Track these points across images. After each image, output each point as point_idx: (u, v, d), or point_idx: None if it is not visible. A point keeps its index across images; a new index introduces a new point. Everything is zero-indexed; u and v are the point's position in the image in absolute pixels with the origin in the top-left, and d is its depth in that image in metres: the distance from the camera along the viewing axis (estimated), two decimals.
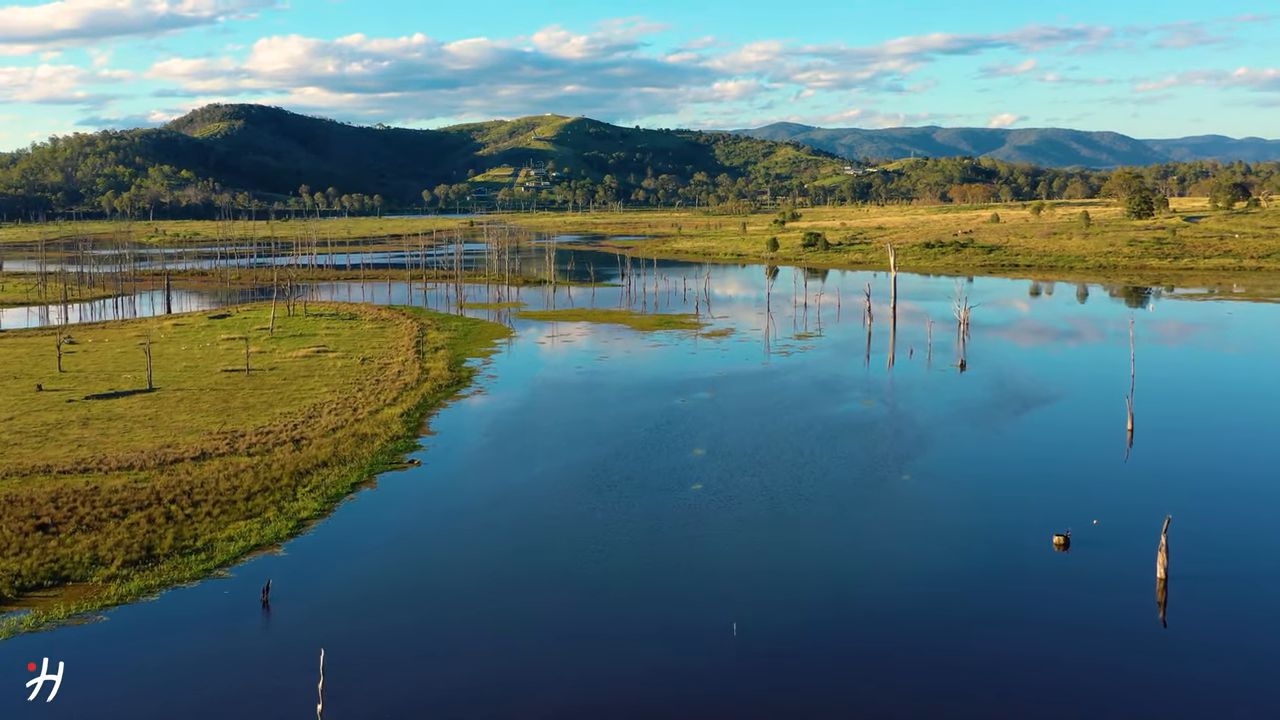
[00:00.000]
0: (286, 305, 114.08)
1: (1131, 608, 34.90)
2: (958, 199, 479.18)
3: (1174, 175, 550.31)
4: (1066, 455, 53.86)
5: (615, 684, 30.11)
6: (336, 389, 70.51)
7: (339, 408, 64.42)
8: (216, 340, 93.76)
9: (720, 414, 63.12)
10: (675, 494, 46.84)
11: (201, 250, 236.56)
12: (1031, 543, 40.49)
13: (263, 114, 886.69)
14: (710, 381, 73.71)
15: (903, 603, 35.34)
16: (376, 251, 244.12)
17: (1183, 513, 40.08)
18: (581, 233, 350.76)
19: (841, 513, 44.77)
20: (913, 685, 29.70)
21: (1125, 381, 70.21)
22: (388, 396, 67.77)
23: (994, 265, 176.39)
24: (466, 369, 79.73)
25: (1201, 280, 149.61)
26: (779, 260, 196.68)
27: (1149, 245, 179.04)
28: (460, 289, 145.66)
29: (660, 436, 57.51)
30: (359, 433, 57.58)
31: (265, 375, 75.70)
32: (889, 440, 56.47)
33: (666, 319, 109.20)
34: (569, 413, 64.80)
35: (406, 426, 59.69)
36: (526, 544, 41.03)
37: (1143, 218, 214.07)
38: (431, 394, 69.26)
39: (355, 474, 49.92)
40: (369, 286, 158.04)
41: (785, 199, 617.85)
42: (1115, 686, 29.59)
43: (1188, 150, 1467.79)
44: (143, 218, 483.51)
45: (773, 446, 54.99)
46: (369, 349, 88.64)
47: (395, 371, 76.92)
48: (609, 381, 74.27)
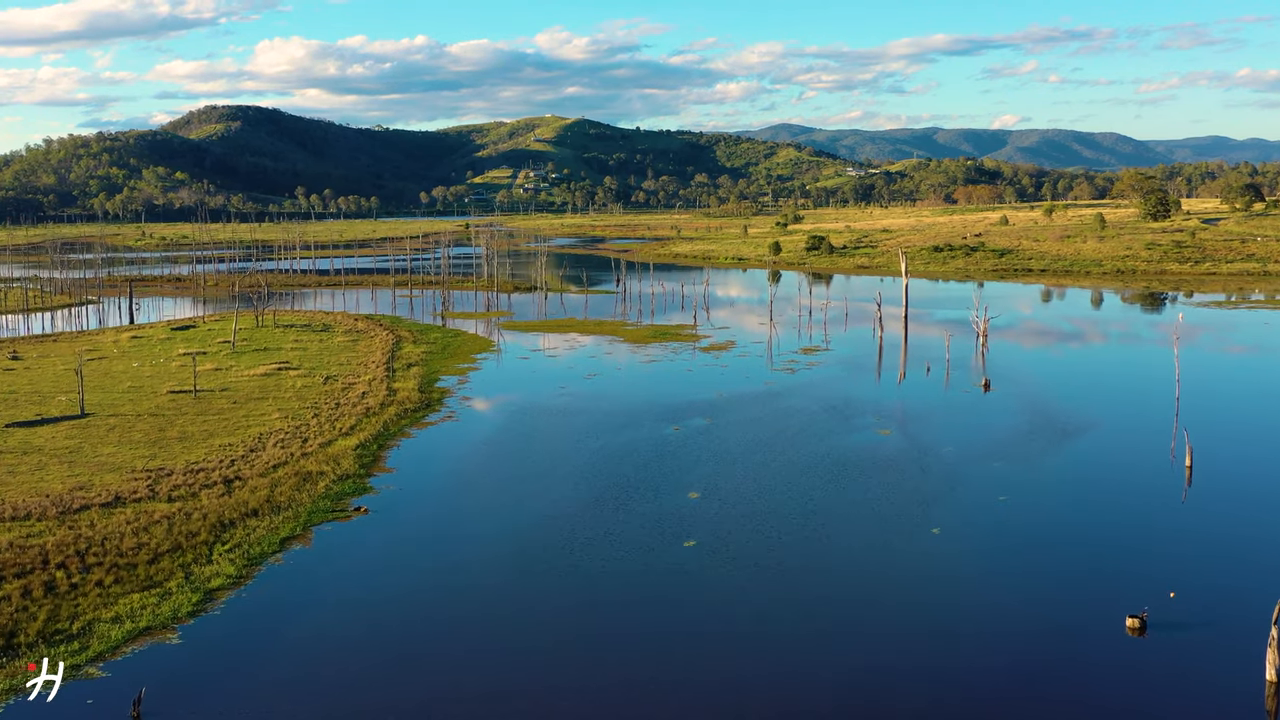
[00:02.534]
0: (255, 315, 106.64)
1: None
2: (963, 201, 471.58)
3: (1180, 176, 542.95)
4: (1120, 499, 46.32)
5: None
6: (290, 414, 63.05)
7: (288, 438, 56.98)
8: (172, 355, 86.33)
9: (718, 446, 55.64)
10: (664, 554, 39.36)
11: (183, 254, 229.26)
12: (1097, 625, 33.00)
13: (260, 115, 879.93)
14: (708, 405, 66.25)
15: (945, 715, 27.88)
16: (364, 256, 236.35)
17: (1270, 580, 32.59)
18: (579, 235, 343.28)
19: (861, 583, 37.31)
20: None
21: (1167, 401, 63.02)
22: (345, 424, 60.31)
23: (1006, 270, 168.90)
24: (439, 389, 72.25)
25: (1223, 286, 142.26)
26: (781, 265, 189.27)
27: (1168, 249, 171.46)
28: (447, 296, 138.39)
29: (649, 475, 50.04)
30: (304, 471, 50.14)
31: (214, 398, 68.22)
32: (912, 480, 48.96)
33: (662, 330, 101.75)
34: (547, 445, 57.33)
35: (360, 462, 52.25)
36: (478, 639, 33.38)
37: (1159, 220, 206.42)
38: (395, 421, 61.82)
39: (289, 526, 42.46)
40: (351, 294, 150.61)
41: (787, 200, 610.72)
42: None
43: (1190, 151, 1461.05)
44: (135, 220, 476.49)
45: (778, 490, 47.52)
46: (335, 366, 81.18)
47: (359, 393, 69.46)
48: (595, 405, 66.81)
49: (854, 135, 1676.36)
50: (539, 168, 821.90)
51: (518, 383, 76.65)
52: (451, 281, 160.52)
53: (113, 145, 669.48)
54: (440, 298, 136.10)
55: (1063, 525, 42.98)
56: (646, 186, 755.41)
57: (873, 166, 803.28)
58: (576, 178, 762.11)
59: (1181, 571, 37.38)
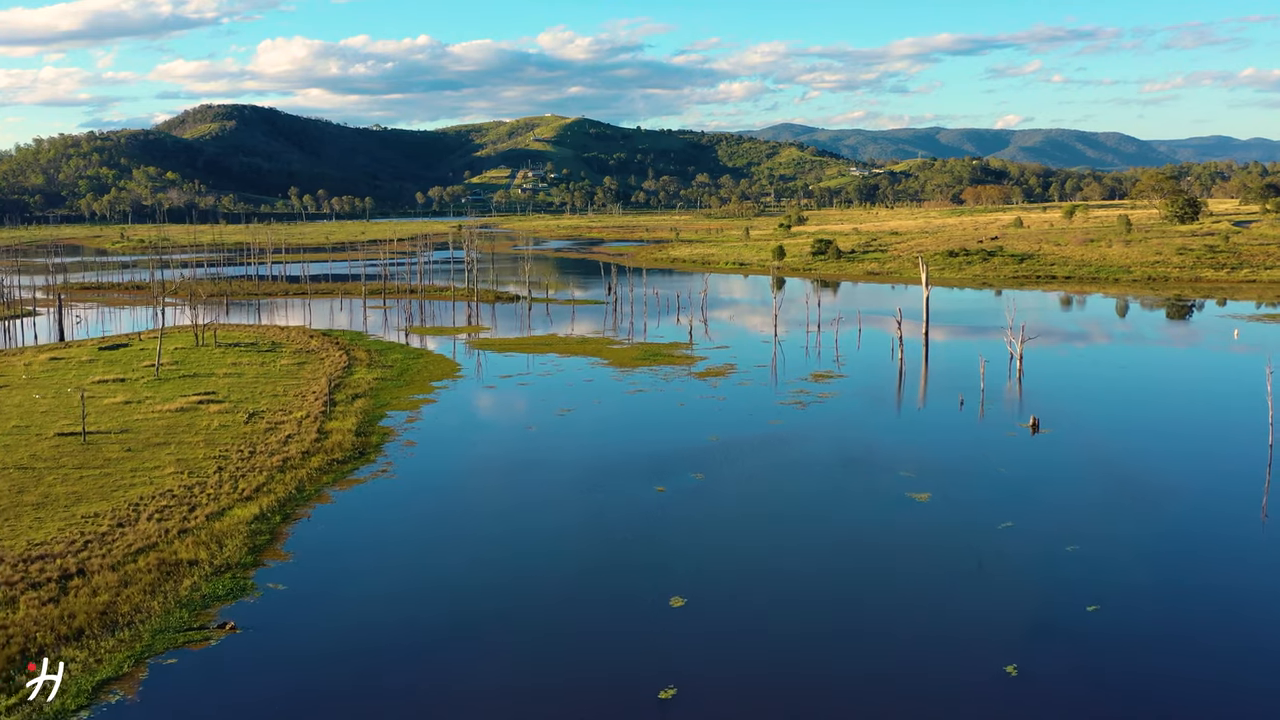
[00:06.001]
0: (196, 333, 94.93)
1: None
2: (971, 201, 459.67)
3: (1189, 176, 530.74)
4: (1255, 614, 34.61)
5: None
6: (189, 467, 51.39)
7: (173, 505, 45.32)
8: (86, 383, 74.68)
9: (712, 519, 43.92)
10: (633, 716, 27.72)
11: (154, 259, 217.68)
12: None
13: (256, 114, 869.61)
14: (701, 454, 54.54)
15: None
16: (338, 261, 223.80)
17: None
18: (575, 237, 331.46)
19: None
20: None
21: (1258, 448, 51.47)
22: (251, 483, 48.63)
23: (1027, 276, 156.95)
24: (381, 430, 60.52)
25: (1259, 295, 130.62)
26: (786, 270, 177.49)
27: (1200, 254, 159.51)
28: (422, 307, 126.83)
29: (623, 567, 38.40)
30: (172, 559, 38.53)
31: (106, 443, 56.53)
32: (967, 585, 37.24)
33: (653, 350, 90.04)
34: (496, 516, 45.58)
35: (250, 544, 40.60)
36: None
37: (1186, 223, 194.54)
38: (316, 477, 50.17)
39: (118, 658, 30.83)
40: (320, 303, 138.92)
41: (790, 200, 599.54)
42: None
43: (1193, 151, 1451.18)
44: (122, 221, 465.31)
45: (788, 598, 35.85)
46: (268, 398, 69.47)
47: (283, 437, 57.76)
48: (564, 454, 55.11)
49: (856, 135, 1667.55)
50: (538, 168, 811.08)
51: (476, 422, 64.83)
52: (430, 290, 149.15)
53: (103, 145, 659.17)
54: (415, 310, 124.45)
55: (1187, 655, 31.25)
56: (647, 187, 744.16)
57: (876, 166, 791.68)
58: (576, 178, 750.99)
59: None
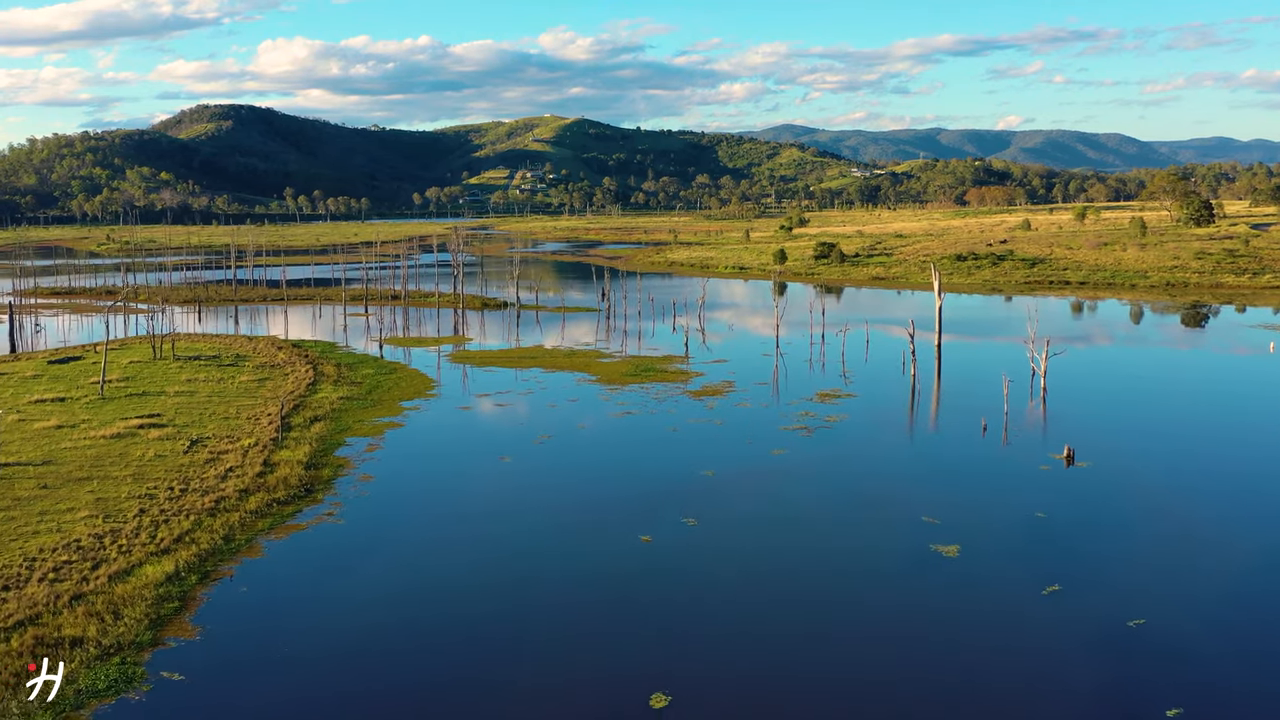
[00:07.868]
0: (153, 345, 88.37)
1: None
2: (975, 202, 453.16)
3: (1193, 177, 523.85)
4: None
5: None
6: (108, 510, 44.84)
7: (75, 560, 38.79)
8: (21, 403, 68.14)
9: (705, 582, 37.35)
10: None
11: (138, 262, 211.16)
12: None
13: (253, 114, 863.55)
14: (694, 493, 48.00)
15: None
16: (321, 264, 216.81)
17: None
18: (572, 239, 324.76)
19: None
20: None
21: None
22: (174, 530, 42.08)
23: (1039, 281, 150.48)
24: (337, 461, 53.97)
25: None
26: (788, 275, 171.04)
27: (1220, 258, 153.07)
28: (405, 315, 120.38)
29: (597, 647, 31.89)
30: (53, 637, 32.00)
31: (20, 477, 49.94)
32: (1015, 682, 30.73)
33: (645, 365, 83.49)
34: (453, 574, 38.99)
35: (155, 613, 34.09)
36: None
37: (1202, 225, 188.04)
38: (250, 521, 43.64)
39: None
40: (299, 310, 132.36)
41: (791, 202, 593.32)
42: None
43: (1194, 152, 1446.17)
44: (114, 222, 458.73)
45: (796, 692, 29.29)
46: (217, 421, 62.87)
47: (224, 470, 51.20)
48: (539, 493, 48.56)
49: (857, 136, 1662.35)
50: (537, 168, 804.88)
51: (444, 450, 58.13)
52: (415, 296, 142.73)
53: (98, 145, 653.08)
54: (397, 317, 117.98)
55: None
56: (646, 187, 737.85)
57: (878, 167, 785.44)
58: (575, 178, 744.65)
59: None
